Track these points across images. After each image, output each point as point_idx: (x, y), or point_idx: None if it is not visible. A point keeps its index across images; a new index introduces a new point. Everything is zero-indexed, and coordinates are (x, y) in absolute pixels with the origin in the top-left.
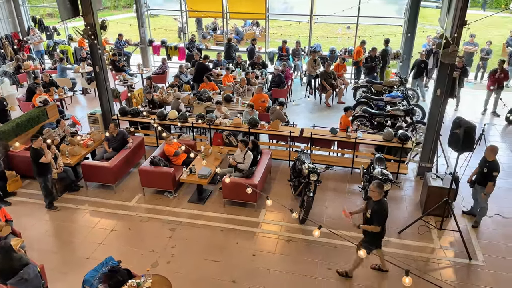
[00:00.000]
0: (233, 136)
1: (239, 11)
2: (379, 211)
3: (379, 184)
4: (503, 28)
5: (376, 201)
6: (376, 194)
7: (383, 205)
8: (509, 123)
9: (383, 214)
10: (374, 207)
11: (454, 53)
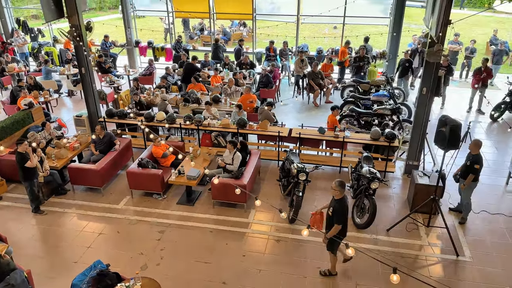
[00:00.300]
0: (222, 137)
1: (226, 12)
2: (339, 210)
3: (340, 183)
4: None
5: (338, 199)
6: (337, 193)
7: (344, 203)
8: (493, 120)
9: (344, 213)
10: (335, 206)
11: (439, 52)
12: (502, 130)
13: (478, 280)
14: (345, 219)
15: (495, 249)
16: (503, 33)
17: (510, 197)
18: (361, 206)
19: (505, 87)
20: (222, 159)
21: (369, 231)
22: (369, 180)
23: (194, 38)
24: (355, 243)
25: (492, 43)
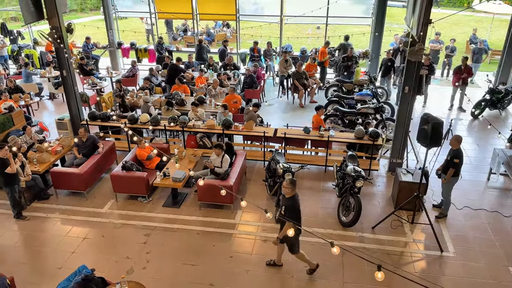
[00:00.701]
0: (207, 138)
1: (209, 12)
2: (291, 208)
3: (291, 181)
4: (466, 26)
5: (289, 197)
6: (288, 191)
7: (295, 201)
8: (474, 118)
9: (295, 210)
10: (287, 204)
11: (420, 51)
12: (483, 127)
13: (462, 275)
14: (297, 216)
15: (478, 244)
16: (482, 32)
17: (492, 192)
18: (347, 205)
19: (485, 85)
20: (210, 161)
21: (354, 229)
22: (354, 178)
23: (177, 39)
24: (342, 241)
25: (471, 42)
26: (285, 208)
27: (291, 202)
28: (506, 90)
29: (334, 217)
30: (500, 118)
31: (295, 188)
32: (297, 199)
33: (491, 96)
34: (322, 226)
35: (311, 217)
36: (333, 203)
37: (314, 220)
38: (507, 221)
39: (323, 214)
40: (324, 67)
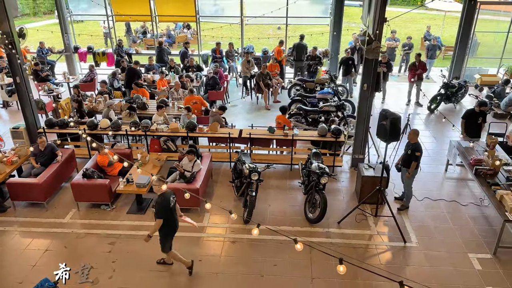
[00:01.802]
0: (172, 142)
1: (168, 14)
2: (159, 204)
3: (159, 178)
4: (420, 24)
5: (160, 194)
6: (157, 188)
7: (164, 198)
8: (431, 112)
9: (163, 207)
10: (157, 200)
11: (377, 49)
12: (439, 120)
13: (425, 264)
14: (166, 214)
15: (439, 233)
16: (436, 29)
17: (450, 183)
18: (313, 201)
19: (440, 80)
20: (181, 165)
21: (321, 225)
22: (319, 175)
23: (137, 41)
24: (309, 237)
25: (426, 39)
26: (156, 204)
27: (160, 199)
28: (459, 84)
29: (301, 214)
30: (455, 112)
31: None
32: (167, 197)
33: (446, 91)
34: (290, 223)
35: (279, 215)
36: (299, 201)
37: (282, 218)
38: (464, 209)
39: (290, 212)
40: (282, 65)
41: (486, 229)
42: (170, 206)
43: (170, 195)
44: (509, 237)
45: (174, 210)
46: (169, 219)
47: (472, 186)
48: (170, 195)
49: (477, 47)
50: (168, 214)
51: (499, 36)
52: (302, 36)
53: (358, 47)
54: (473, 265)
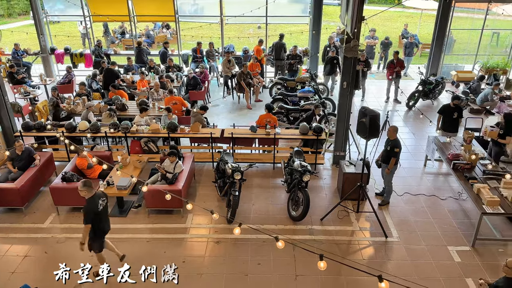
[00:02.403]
0: (153, 143)
1: (146, 14)
2: (86, 209)
3: (84, 183)
4: (398, 22)
5: (87, 199)
6: (84, 193)
7: (93, 202)
8: (409, 108)
9: (90, 212)
10: (85, 206)
11: (355, 47)
12: (417, 117)
13: (406, 258)
14: (94, 218)
15: (419, 227)
16: (413, 27)
17: (429, 178)
18: (296, 199)
19: (418, 77)
20: (163, 166)
21: (304, 222)
22: (301, 173)
23: (115, 42)
24: (293, 235)
25: (403, 37)
26: (83, 209)
27: (87, 203)
28: (437, 81)
29: (284, 212)
30: (433, 108)
31: (91, 189)
32: (96, 201)
33: (423, 87)
34: (274, 222)
35: (262, 214)
36: (283, 199)
37: (266, 217)
38: (443, 203)
39: (273, 210)
40: (262, 64)
41: (464, 222)
42: (98, 210)
43: (99, 198)
44: (487, 229)
45: (105, 213)
46: (98, 223)
47: (450, 180)
48: (99, 199)
49: (453, 44)
50: (97, 218)
51: (474, 33)
52: (282, 36)
53: (333, 45)
54: (452, 258)
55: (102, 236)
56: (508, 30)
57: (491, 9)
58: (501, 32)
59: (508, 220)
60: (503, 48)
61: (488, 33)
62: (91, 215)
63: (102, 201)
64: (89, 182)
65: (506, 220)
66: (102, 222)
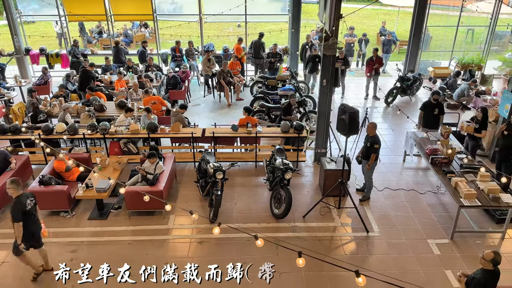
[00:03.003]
0: (132, 144)
1: (124, 13)
2: (12, 207)
3: (11, 181)
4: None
5: (14, 198)
6: (12, 191)
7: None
8: (388, 105)
9: (16, 210)
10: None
11: (334, 45)
12: (396, 113)
13: (387, 252)
14: (22, 217)
15: (399, 221)
16: (391, 24)
17: (408, 173)
18: (278, 197)
19: (396, 74)
20: (143, 168)
21: (287, 220)
22: (283, 171)
23: (92, 42)
24: (275, 233)
25: (381, 34)
26: (10, 209)
27: (14, 202)
28: (414, 77)
29: (267, 210)
30: (411, 104)
31: (18, 186)
32: (23, 200)
33: (401, 84)
34: (257, 220)
35: (245, 212)
36: (265, 197)
37: (249, 215)
38: (423, 197)
39: (256, 209)
40: (242, 63)
41: (443, 215)
42: (25, 209)
43: (27, 198)
44: (465, 222)
45: (33, 213)
46: (26, 223)
47: (429, 174)
48: (27, 198)
49: (429, 41)
50: (25, 218)
51: (449, 30)
52: (261, 34)
53: (310, 44)
54: (432, 251)
55: (31, 239)
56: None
57: (465, 6)
58: (475, 28)
59: (485, 212)
60: (478, 44)
61: (463, 30)
62: (19, 213)
63: (30, 201)
64: (18, 180)
65: (483, 213)
66: (31, 222)
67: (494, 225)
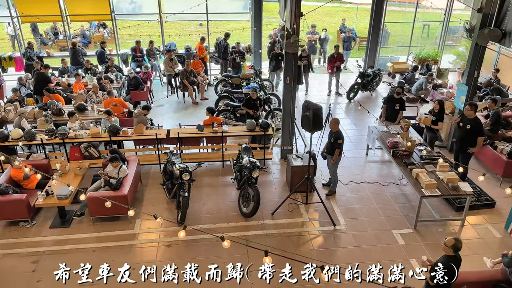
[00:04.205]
0: (94, 148)
1: (80, 13)
2: None
3: None
4: (336, 17)
5: None
6: None
7: None
8: (350, 100)
9: None
10: None
11: (295, 43)
12: (358, 108)
13: (354, 244)
14: None
15: (364, 213)
16: (350, 22)
17: (371, 166)
18: (246, 196)
19: (356, 70)
20: (106, 172)
21: (256, 218)
22: (250, 169)
23: (48, 43)
24: (245, 232)
25: (341, 31)
26: None
27: None
28: (374, 73)
29: (236, 209)
30: (371, 99)
31: None
32: None
33: (362, 80)
34: (226, 220)
35: (214, 213)
36: (233, 196)
37: (217, 216)
38: (386, 189)
39: (225, 208)
40: (205, 62)
41: (406, 206)
42: None
43: None
44: (426, 211)
45: None
46: None
47: (391, 167)
48: None
49: (388, 37)
50: None
51: (406, 26)
52: (227, 34)
53: (273, 42)
54: (397, 241)
55: None
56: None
57: (420, 3)
58: (430, 24)
59: (445, 201)
60: (433, 39)
61: (419, 26)
62: None
63: None
64: None
65: (443, 201)
66: None
67: (454, 213)
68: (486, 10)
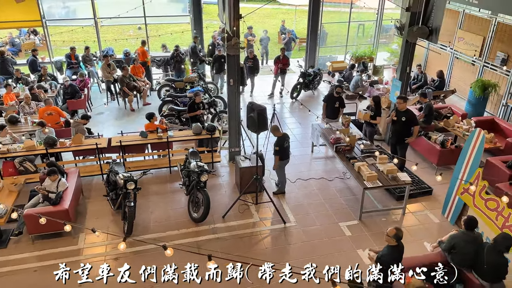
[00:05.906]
0: (29, 162)
1: (7, 20)
2: None
3: None
4: (276, 19)
5: None
6: None
7: None
8: (293, 100)
9: None
10: None
11: (236, 45)
12: (302, 107)
13: (304, 240)
14: None
15: (312, 209)
16: (290, 23)
17: (317, 162)
18: (196, 201)
19: (298, 70)
20: (44, 187)
21: (207, 222)
22: (198, 174)
23: None
24: (196, 237)
25: (282, 32)
26: None
27: None
28: (314, 72)
29: (186, 215)
30: (314, 97)
31: None
32: None
33: (304, 79)
34: (176, 227)
35: (163, 221)
36: (183, 202)
37: (166, 223)
38: (331, 184)
39: (175, 215)
40: (148, 66)
41: (350, 199)
42: None
43: None
44: (370, 202)
45: None
46: None
47: (335, 162)
48: None
49: (326, 37)
50: None
51: (343, 26)
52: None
53: (216, 44)
54: (344, 233)
55: None
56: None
57: (354, 3)
58: (365, 23)
59: (386, 192)
60: (368, 38)
61: (354, 25)
62: None
63: None
64: None
65: (384, 192)
66: None
67: (395, 202)
68: (414, 9)
